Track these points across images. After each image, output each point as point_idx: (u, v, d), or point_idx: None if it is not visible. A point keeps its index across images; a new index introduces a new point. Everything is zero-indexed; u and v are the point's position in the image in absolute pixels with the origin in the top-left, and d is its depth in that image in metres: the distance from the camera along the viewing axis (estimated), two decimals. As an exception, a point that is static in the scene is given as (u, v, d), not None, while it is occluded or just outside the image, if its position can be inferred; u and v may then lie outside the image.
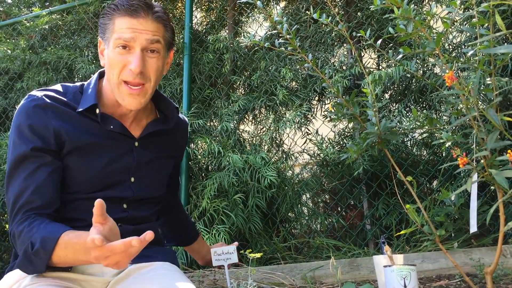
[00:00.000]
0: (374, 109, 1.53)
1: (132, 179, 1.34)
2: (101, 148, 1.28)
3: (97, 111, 1.28)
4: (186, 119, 1.61)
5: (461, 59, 1.50)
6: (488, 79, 1.36)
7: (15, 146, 1.22)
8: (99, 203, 0.96)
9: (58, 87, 1.32)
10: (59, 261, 1.10)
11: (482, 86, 1.39)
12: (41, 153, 1.21)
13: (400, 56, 1.52)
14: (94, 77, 1.37)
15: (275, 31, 2.87)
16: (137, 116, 1.38)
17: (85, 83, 1.36)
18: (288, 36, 1.61)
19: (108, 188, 1.29)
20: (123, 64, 1.25)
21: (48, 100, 1.25)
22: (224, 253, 1.65)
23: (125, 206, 1.32)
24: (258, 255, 1.75)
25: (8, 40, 4.06)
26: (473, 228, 1.36)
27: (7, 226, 3.37)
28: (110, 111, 1.33)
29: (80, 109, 1.27)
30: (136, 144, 1.35)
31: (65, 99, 1.29)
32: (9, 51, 3.83)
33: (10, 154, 1.23)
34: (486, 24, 1.32)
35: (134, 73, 1.23)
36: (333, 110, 1.63)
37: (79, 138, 1.25)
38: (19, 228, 1.14)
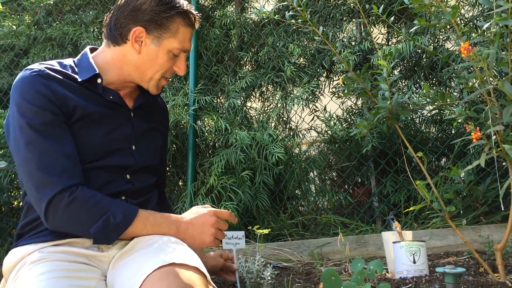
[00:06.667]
0: (388, 83, 1.50)
1: (133, 147, 1.38)
2: (103, 118, 1.32)
3: (99, 81, 1.33)
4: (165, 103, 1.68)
5: (474, 34, 1.46)
6: (504, 52, 1.33)
7: (27, 116, 1.19)
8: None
9: (53, 62, 1.33)
10: (131, 232, 1.21)
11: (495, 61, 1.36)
12: (58, 121, 1.22)
13: (414, 28, 1.48)
14: (84, 52, 1.40)
15: (284, 3, 2.82)
16: (132, 90, 1.44)
17: (75, 59, 1.39)
18: (298, 8, 1.57)
19: (110, 156, 1.31)
20: (171, 65, 1.38)
21: (50, 72, 1.27)
22: (233, 237, 1.66)
23: (128, 176, 1.35)
24: (266, 231, 1.75)
25: (13, 16, 4.02)
26: None
27: (15, 202, 3.39)
28: (108, 83, 1.37)
29: (81, 79, 1.30)
30: (132, 114, 1.41)
31: (65, 71, 1.31)
32: (14, 27, 3.79)
33: (22, 125, 1.20)
34: (504, -5, 1.28)
35: (178, 74, 1.41)
36: (343, 85, 1.60)
37: (84, 108, 1.27)
38: (70, 197, 1.15)
